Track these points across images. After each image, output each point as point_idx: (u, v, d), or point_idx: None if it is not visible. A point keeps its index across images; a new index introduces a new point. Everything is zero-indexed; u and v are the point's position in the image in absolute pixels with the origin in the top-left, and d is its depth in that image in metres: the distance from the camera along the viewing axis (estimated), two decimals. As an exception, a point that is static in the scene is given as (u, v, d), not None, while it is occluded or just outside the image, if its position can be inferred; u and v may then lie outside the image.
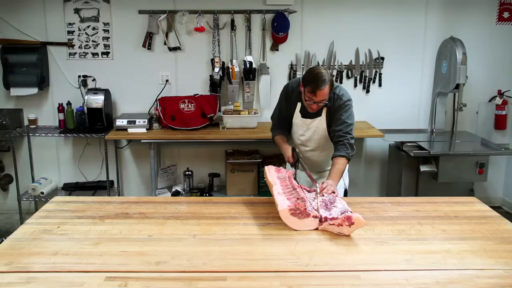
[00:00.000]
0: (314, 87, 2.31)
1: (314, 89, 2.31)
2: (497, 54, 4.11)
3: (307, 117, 2.55)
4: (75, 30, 3.95)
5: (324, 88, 2.31)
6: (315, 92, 2.32)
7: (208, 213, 2.07)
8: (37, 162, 4.13)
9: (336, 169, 2.36)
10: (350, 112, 2.49)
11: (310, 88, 2.33)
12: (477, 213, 2.11)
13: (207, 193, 4.01)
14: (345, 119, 2.45)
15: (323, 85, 2.30)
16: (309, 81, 2.34)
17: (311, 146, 2.62)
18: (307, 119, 2.56)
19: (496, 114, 4.12)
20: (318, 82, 2.30)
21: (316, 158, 2.66)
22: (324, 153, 2.63)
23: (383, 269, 1.59)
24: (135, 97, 4.07)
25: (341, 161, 2.38)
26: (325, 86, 2.31)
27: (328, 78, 2.32)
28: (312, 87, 2.32)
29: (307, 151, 2.64)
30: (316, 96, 2.33)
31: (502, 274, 1.57)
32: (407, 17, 4.03)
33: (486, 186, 4.29)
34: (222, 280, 1.51)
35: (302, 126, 2.59)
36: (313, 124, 2.55)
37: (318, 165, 2.69)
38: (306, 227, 1.89)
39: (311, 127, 2.57)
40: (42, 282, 1.48)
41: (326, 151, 2.60)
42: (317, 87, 2.30)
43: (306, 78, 2.38)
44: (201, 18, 3.90)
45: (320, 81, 2.30)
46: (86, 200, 2.24)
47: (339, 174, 2.36)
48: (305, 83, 2.37)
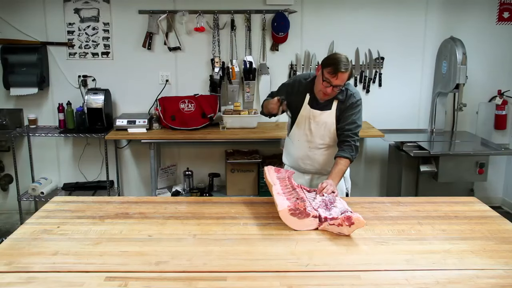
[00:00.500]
0: (336, 68, 2.24)
1: (336, 70, 2.24)
2: (497, 54, 4.11)
3: (316, 109, 2.47)
4: (75, 30, 3.95)
5: (346, 71, 2.26)
6: (336, 74, 2.25)
7: (208, 213, 2.07)
8: (37, 162, 4.13)
9: (337, 169, 2.34)
10: (360, 113, 2.47)
11: (331, 69, 2.26)
12: (477, 213, 2.11)
13: (207, 193, 4.01)
14: (356, 120, 2.43)
15: (345, 68, 2.24)
16: (331, 62, 2.27)
17: (317, 142, 2.52)
18: (316, 110, 2.47)
19: (496, 114, 4.12)
20: (341, 64, 2.24)
21: (319, 157, 2.55)
22: (328, 152, 2.54)
23: (383, 269, 1.59)
24: (135, 97, 4.07)
25: (344, 161, 2.36)
26: (347, 70, 2.26)
27: (349, 65, 2.28)
28: (334, 68, 2.24)
29: (312, 148, 2.54)
30: (337, 77, 2.26)
31: (502, 274, 1.57)
32: (407, 17, 4.03)
33: (486, 186, 4.29)
34: (222, 280, 1.51)
35: (309, 119, 2.49)
36: (322, 117, 2.47)
37: (321, 164, 2.57)
38: (306, 227, 1.89)
39: (319, 121, 2.48)
40: (42, 282, 1.48)
41: (331, 149, 2.53)
42: (339, 69, 2.24)
43: (327, 59, 2.32)
44: (201, 18, 3.90)
45: (342, 63, 2.24)
46: (86, 200, 2.24)
47: (340, 175, 2.35)
48: (326, 64, 2.29)
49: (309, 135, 2.52)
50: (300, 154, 2.58)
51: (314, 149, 2.54)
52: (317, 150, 2.54)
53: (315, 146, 2.53)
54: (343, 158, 2.37)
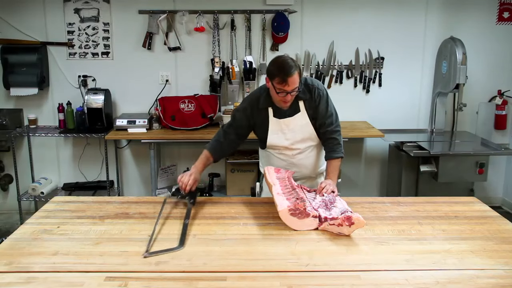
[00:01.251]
0: (283, 75, 2.12)
1: (284, 77, 2.12)
2: (497, 54, 4.11)
3: (285, 117, 2.34)
4: (75, 30, 3.95)
5: (294, 74, 2.13)
6: (286, 81, 2.12)
7: (208, 213, 2.07)
8: (37, 162, 4.13)
9: (333, 168, 2.32)
10: (330, 100, 2.36)
11: (279, 79, 2.13)
12: (477, 213, 2.11)
13: (207, 193, 4.01)
14: (330, 109, 2.34)
15: (292, 71, 2.12)
16: (276, 72, 2.14)
17: (299, 147, 2.40)
18: (285, 118, 2.34)
19: (496, 114, 4.12)
20: (286, 69, 2.11)
21: (305, 161, 2.43)
22: (313, 153, 2.44)
23: (383, 269, 1.59)
24: (135, 97, 4.08)
25: (337, 161, 2.34)
26: (294, 72, 2.13)
27: (295, 64, 2.15)
28: (281, 75, 2.12)
29: (295, 155, 2.41)
30: (288, 84, 2.13)
31: (502, 274, 1.56)
32: (407, 17, 4.03)
33: (486, 186, 4.29)
34: (222, 280, 1.50)
35: (282, 130, 2.36)
36: (295, 122, 2.34)
37: (309, 168, 2.46)
38: (306, 227, 1.89)
39: (292, 127, 2.35)
40: (42, 282, 1.48)
41: (315, 149, 2.44)
42: (287, 75, 2.11)
43: (271, 70, 2.18)
44: (201, 18, 3.90)
45: (287, 67, 2.12)
46: (86, 200, 2.24)
47: (337, 173, 2.33)
48: (272, 76, 2.16)
49: (289, 144, 2.39)
50: (284, 164, 2.43)
51: (297, 155, 2.42)
52: (301, 155, 2.42)
53: (298, 152, 2.41)
54: (335, 158, 2.34)
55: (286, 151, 2.41)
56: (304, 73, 4.08)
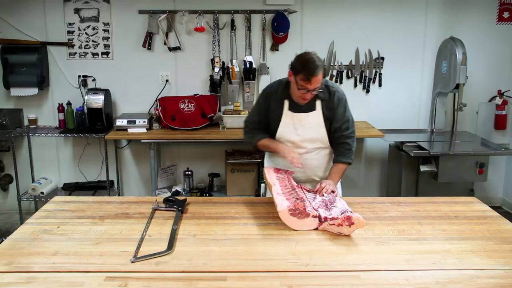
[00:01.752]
0: (308, 73, 2.12)
1: (308, 75, 2.12)
2: (497, 54, 4.11)
3: (299, 112, 2.34)
4: (75, 30, 3.95)
5: (319, 74, 2.13)
6: (310, 79, 2.13)
7: (208, 213, 2.07)
8: (37, 162, 4.13)
9: (337, 169, 2.33)
10: (348, 106, 2.38)
11: (303, 75, 2.14)
12: (477, 213, 2.11)
13: (207, 193, 4.01)
14: (348, 116, 2.36)
15: (317, 71, 2.12)
16: (302, 68, 2.15)
17: (307, 146, 2.38)
18: (300, 113, 2.33)
19: (496, 114, 4.12)
20: (312, 68, 2.12)
21: (311, 162, 2.41)
22: (320, 155, 2.43)
23: (383, 269, 1.59)
24: (135, 97, 4.07)
25: (344, 165, 2.35)
26: (319, 72, 2.13)
27: (321, 63, 2.15)
28: (306, 73, 2.13)
29: (302, 154, 2.37)
30: (311, 83, 2.14)
31: (502, 274, 1.57)
32: (407, 17, 4.03)
33: (486, 186, 4.29)
34: (222, 280, 1.51)
35: (294, 125, 2.35)
36: (308, 119, 2.34)
37: (313, 169, 2.43)
38: (306, 227, 1.90)
39: (305, 124, 2.34)
40: (42, 282, 1.48)
41: (322, 151, 2.42)
42: (311, 74, 2.12)
43: (297, 65, 2.19)
44: (201, 18, 3.90)
45: (313, 66, 2.12)
46: (86, 200, 2.24)
47: (340, 175, 2.34)
48: (297, 71, 2.17)
49: (297, 141, 2.38)
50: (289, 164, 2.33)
51: (304, 155, 2.39)
52: (307, 155, 2.40)
53: (305, 151, 2.39)
54: (343, 163, 2.34)
55: (294, 149, 2.38)
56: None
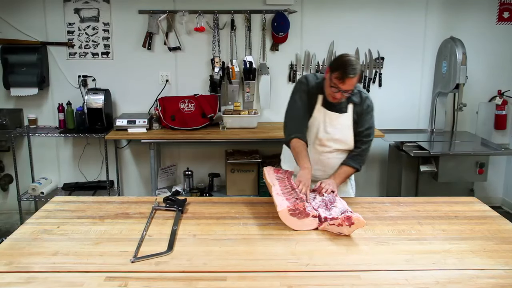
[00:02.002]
0: (343, 73, 2.12)
1: (343, 75, 2.12)
2: (497, 54, 4.11)
3: (332, 111, 2.32)
4: (75, 30, 3.95)
5: (354, 77, 2.14)
6: (344, 80, 2.13)
7: (208, 213, 2.07)
8: (37, 162, 4.13)
9: (343, 171, 2.32)
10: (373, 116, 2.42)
11: (338, 74, 2.13)
12: (477, 213, 2.12)
13: (207, 193, 4.01)
14: (372, 124, 2.39)
15: (353, 73, 2.12)
16: (339, 66, 2.14)
17: (332, 146, 2.36)
18: (333, 112, 2.32)
19: (496, 114, 4.12)
20: (349, 69, 2.11)
21: (332, 161, 2.39)
22: (342, 156, 2.40)
23: (383, 269, 1.59)
24: (135, 97, 4.07)
25: (351, 169, 2.35)
26: (355, 75, 2.13)
27: (359, 68, 2.16)
28: (341, 73, 2.12)
29: (325, 153, 2.37)
30: (344, 83, 2.14)
31: (502, 274, 1.57)
32: (407, 17, 4.03)
33: (486, 186, 4.29)
34: (222, 280, 1.51)
35: (324, 122, 2.33)
36: (339, 120, 2.33)
37: (333, 169, 2.40)
38: (306, 227, 1.90)
39: (335, 124, 2.33)
40: (42, 282, 1.48)
41: (345, 153, 2.41)
42: (347, 74, 2.12)
43: (335, 63, 2.19)
44: (201, 18, 3.90)
45: (350, 68, 2.12)
46: (86, 200, 2.24)
47: (344, 177, 2.32)
48: (334, 68, 2.17)
49: (324, 139, 2.35)
50: (313, 159, 2.33)
51: (327, 153, 2.38)
52: (330, 154, 2.38)
53: (329, 150, 2.37)
54: (352, 167, 2.34)
55: (318, 146, 2.38)
56: (304, 73, 4.08)
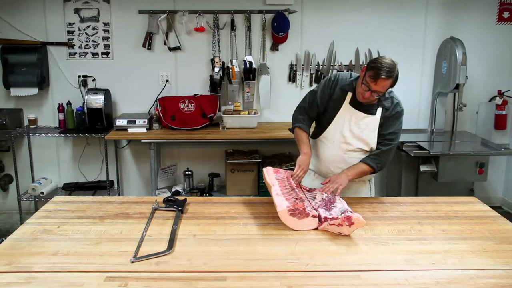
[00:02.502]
0: (377, 73, 2.09)
1: (377, 75, 2.09)
2: (497, 54, 4.11)
3: (360, 110, 2.30)
4: (75, 30, 3.95)
5: (387, 79, 2.10)
6: (376, 79, 2.10)
7: (208, 213, 2.07)
8: (37, 162, 4.13)
9: (357, 167, 2.27)
10: (401, 123, 2.35)
11: (372, 73, 2.11)
12: (477, 213, 2.12)
13: (207, 193, 4.01)
14: (397, 130, 2.32)
15: (387, 75, 2.09)
16: (375, 66, 2.11)
17: (355, 145, 2.32)
18: (360, 112, 2.29)
19: (496, 114, 4.12)
20: (384, 70, 2.08)
21: (355, 161, 2.34)
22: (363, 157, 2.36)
23: (383, 269, 1.59)
24: (135, 97, 4.07)
25: (367, 167, 2.28)
26: (388, 78, 2.10)
27: (395, 73, 2.12)
28: (375, 73, 2.10)
29: (348, 151, 2.33)
30: (376, 83, 2.11)
31: (502, 274, 1.57)
32: (407, 17, 4.03)
33: (486, 186, 4.29)
34: (222, 280, 1.51)
35: (350, 120, 2.31)
36: (365, 121, 2.30)
37: None
38: (306, 227, 1.90)
39: (361, 124, 2.30)
40: (42, 282, 1.48)
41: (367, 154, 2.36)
42: (380, 75, 2.09)
43: (373, 62, 2.16)
44: (201, 18, 3.90)
45: (386, 69, 2.09)
46: (86, 200, 2.24)
47: (357, 173, 2.26)
48: (370, 67, 2.14)
49: (348, 136, 2.33)
50: (333, 157, 2.36)
51: (350, 152, 2.34)
52: (354, 153, 2.34)
53: (352, 149, 2.34)
54: (367, 165, 2.28)
55: (341, 143, 2.35)
56: (304, 73, 4.08)
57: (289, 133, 2.52)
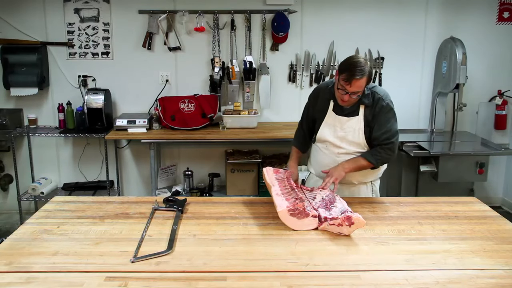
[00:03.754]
0: (349, 75, 2.09)
1: (349, 77, 2.09)
2: (497, 54, 4.11)
3: (342, 115, 2.32)
4: (75, 30, 3.95)
5: (361, 78, 2.10)
6: (350, 81, 2.10)
7: (208, 213, 2.07)
8: (37, 162, 4.13)
9: (356, 160, 2.27)
10: (394, 117, 2.30)
11: (345, 76, 2.11)
12: (477, 213, 2.12)
13: (207, 193, 4.01)
14: (391, 127, 2.26)
15: (359, 75, 2.09)
16: (346, 68, 2.12)
17: (346, 148, 2.34)
18: (342, 117, 2.31)
19: (496, 114, 4.12)
20: (355, 71, 2.08)
21: None
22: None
23: (383, 269, 1.59)
24: (135, 97, 4.08)
25: (365, 161, 2.27)
26: (362, 77, 2.09)
27: (367, 69, 2.11)
28: (348, 74, 2.10)
29: (341, 154, 2.35)
30: (351, 85, 2.11)
31: (502, 274, 1.57)
32: (407, 17, 4.03)
33: (486, 186, 4.29)
34: (222, 280, 1.51)
35: (335, 126, 2.34)
36: (349, 124, 2.31)
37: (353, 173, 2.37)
38: (306, 227, 1.89)
39: (345, 127, 2.32)
40: (42, 282, 1.48)
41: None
42: (353, 76, 2.08)
43: (343, 64, 2.17)
44: (201, 18, 3.90)
45: (357, 69, 2.09)
46: (86, 200, 2.24)
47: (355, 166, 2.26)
48: (341, 70, 2.15)
49: (337, 142, 2.35)
50: (328, 162, 2.39)
51: (343, 155, 2.36)
52: (346, 156, 2.35)
53: (344, 152, 2.36)
54: (366, 160, 2.27)
55: (333, 147, 2.37)
56: (304, 73, 4.08)
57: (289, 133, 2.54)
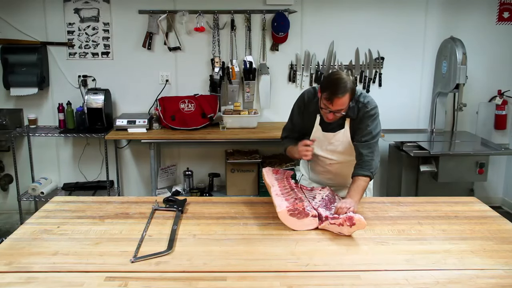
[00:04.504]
0: (331, 93, 2.04)
1: (331, 96, 2.04)
2: (497, 54, 4.11)
3: (328, 131, 2.28)
4: (75, 30, 3.95)
5: (343, 96, 2.04)
6: (332, 100, 2.04)
7: (208, 213, 2.07)
8: (37, 162, 4.13)
9: (356, 186, 2.13)
10: (377, 121, 2.24)
11: (326, 95, 2.06)
12: (477, 213, 2.12)
13: (207, 193, 4.01)
14: (371, 130, 2.20)
15: (341, 93, 2.03)
16: (327, 87, 2.07)
17: (337, 158, 2.34)
18: (329, 133, 2.28)
19: (496, 114, 4.12)
20: (337, 89, 2.03)
21: (343, 170, 2.34)
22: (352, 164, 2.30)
23: (383, 269, 1.59)
24: (135, 97, 4.07)
25: (363, 179, 2.16)
26: (344, 95, 2.03)
27: (349, 86, 2.05)
28: (329, 93, 2.04)
29: (333, 164, 2.36)
30: (333, 104, 2.06)
31: (502, 274, 1.57)
32: (407, 17, 4.03)
33: (486, 186, 4.29)
34: (222, 280, 1.51)
35: (323, 141, 2.32)
36: (336, 137, 2.28)
37: (344, 177, 2.35)
38: (306, 227, 1.89)
39: (333, 142, 2.29)
40: (42, 282, 1.48)
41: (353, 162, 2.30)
42: (335, 94, 2.03)
43: (324, 82, 2.13)
44: (201, 18, 3.90)
45: (339, 87, 2.03)
46: (86, 200, 2.24)
47: (360, 191, 2.14)
48: (323, 89, 2.10)
49: (328, 154, 2.35)
50: (321, 169, 2.42)
51: (334, 164, 2.36)
52: (338, 165, 2.36)
53: (336, 161, 2.36)
54: (362, 176, 2.16)
55: (323, 159, 2.37)
56: (304, 73, 4.08)
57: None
